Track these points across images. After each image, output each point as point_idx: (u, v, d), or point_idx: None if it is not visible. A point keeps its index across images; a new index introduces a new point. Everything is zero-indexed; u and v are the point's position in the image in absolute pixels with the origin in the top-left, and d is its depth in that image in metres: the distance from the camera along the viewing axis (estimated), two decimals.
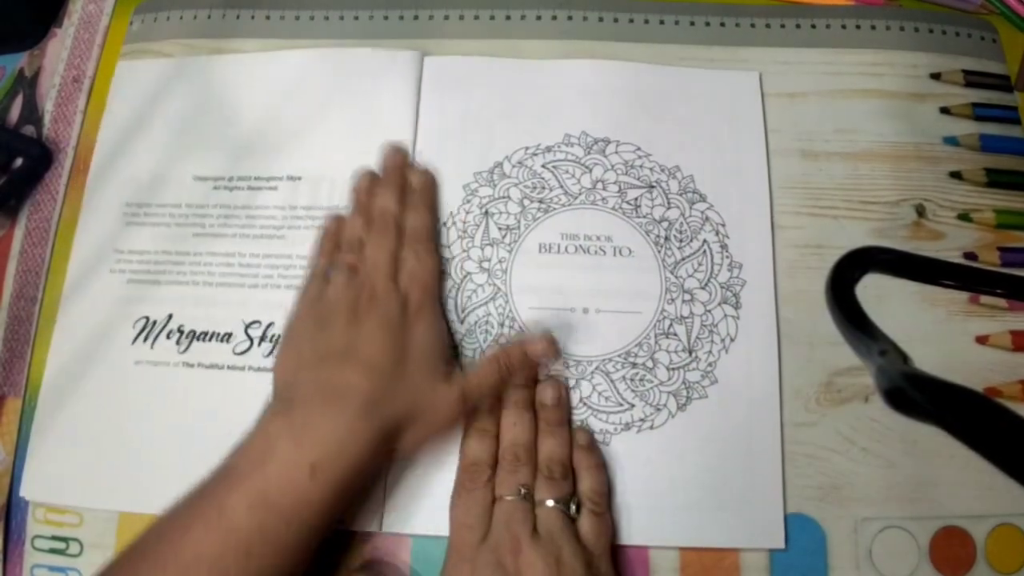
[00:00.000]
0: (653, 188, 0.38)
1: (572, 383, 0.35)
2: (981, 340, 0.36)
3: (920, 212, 0.38)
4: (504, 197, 0.38)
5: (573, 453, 0.33)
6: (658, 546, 0.33)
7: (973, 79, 0.41)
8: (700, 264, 0.37)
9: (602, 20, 0.42)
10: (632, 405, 0.35)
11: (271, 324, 0.36)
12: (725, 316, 0.36)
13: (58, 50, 0.43)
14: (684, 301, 0.36)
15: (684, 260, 0.37)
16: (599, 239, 0.37)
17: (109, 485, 0.34)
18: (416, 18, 0.42)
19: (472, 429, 0.33)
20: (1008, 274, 0.24)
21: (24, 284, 0.38)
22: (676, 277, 0.37)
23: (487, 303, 0.36)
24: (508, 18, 0.42)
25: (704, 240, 0.37)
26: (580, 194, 0.38)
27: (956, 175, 0.39)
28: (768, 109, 0.40)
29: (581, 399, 0.35)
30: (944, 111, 0.40)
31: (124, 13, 0.44)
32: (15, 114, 0.42)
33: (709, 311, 0.36)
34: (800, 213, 0.38)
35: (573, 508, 0.31)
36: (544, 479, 0.31)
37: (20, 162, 0.40)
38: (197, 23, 0.43)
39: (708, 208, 0.38)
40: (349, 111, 0.40)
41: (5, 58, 0.44)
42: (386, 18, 0.43)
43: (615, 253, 0.37)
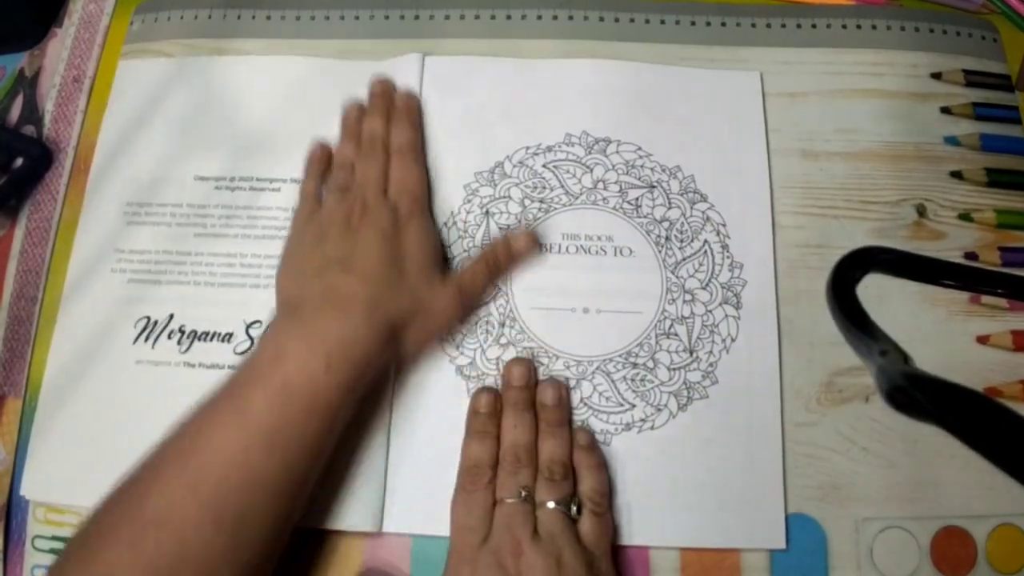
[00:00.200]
0: (654, 188, 0.38)
1: (573, 383, 0.35)
2: (982, 340, 0.36)
3: (921, 212, 0.38)
4: (505, 197, 0.38)
5: (574, 453, 0.33)
6: (659, 546, 0.33)
7: (974, 79, 0.41)
8: (701, 264, 0.37)
9: (603, 20, 0.42)
10: (633, 405, 0.35)
11: None
12: (726, 316, 0.36)
13: (58, 50, 0.43)
14: (685, 301, 0.36)
15: (685, 260, 0.37)
16: (600, 239, 0.37)
17: (110, 485, 0.34)
18: (417, 18, 0.42)
19: (473, 431, 0.33)
20: (1009, 274, 0.24)
21: (24, 284, 0.38)
22: (677, 277, 0.37)
23: (488, 303, 0.36)
24: (509, 18, 0.42)
25: (705, 240, 0.37)
26: (581, 194, 0.38)
27: (957, 175, 0.39)
28: (769, 109, 0.40)
29: (582, 399, 0.35)
30: (945, 111, 0.40)
31: (124, 13, 0.44)
32: (15, 114, 0.42)
33: (710, 311, 0.36)
34: (801, 213, 0.38)
35: (574, 509, 0.31)
36: (545, 480, 0.31)
37: (20, 162, 0.40)
38: (197, 23, 0.43)
39: (709, 208, 0.38)
40: None
41: (5, 58, 0.44)
42: (387, 18, 0.43)
43: (616, 253, 0.37)
